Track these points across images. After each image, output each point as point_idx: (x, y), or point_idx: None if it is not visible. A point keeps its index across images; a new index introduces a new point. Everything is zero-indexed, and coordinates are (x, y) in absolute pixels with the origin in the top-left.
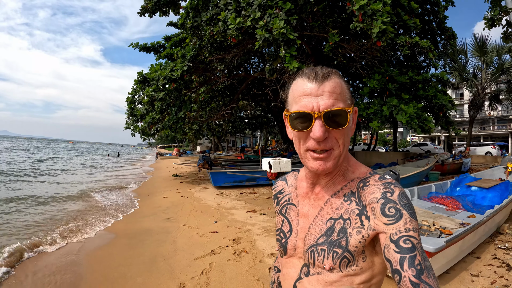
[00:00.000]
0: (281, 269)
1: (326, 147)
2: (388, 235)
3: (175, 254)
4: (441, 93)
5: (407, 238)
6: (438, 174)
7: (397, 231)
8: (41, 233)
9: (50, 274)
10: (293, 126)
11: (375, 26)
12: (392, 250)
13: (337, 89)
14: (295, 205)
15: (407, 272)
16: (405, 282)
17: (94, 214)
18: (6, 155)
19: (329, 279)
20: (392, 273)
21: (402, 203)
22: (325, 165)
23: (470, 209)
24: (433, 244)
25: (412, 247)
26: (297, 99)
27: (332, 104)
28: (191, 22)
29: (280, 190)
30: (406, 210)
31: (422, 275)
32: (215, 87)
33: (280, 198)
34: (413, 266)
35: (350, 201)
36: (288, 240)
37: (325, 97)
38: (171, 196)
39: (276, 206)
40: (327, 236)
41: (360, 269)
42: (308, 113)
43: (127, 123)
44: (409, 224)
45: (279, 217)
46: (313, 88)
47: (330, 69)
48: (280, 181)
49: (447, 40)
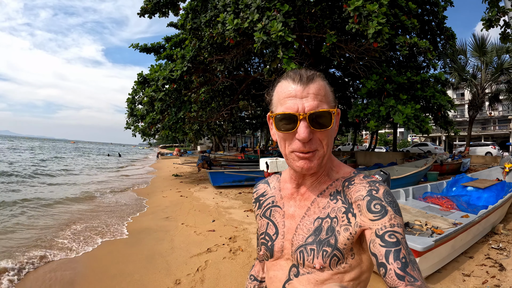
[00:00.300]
0: (267, 272)
1: (311, 148)
2: (374, 230)
3: (172, 252)
4: (440, 93)
5: (392, 233)
6: (436, 174)
7: (383, 227)
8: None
9: (50, 270)
10: (278, 127)
11: (371, 27)
12: (377, 245)
13: (321, 91)
14: (280, 206)
15: (392, 265)
16: (390, 275)
17: (103, 216)
18: (8, 155)
19: (319, 278)
20: (377, 267)
21: (387, 200)
22: (310, 164)
23: (465, 209)
24: (421, 243)
25: (397, 241)
26: (282, 101)
27: (317, 106)
28: (191, 24)
29: (262, 193)
30: (391, 206)
31: (407, 268)
32: (215, 88)
33: (263, 201)
34: (398, 259)
35: (336, 200)
36: (274, 243)
37: (310, 99)
38: (171, 196)
39: (258, 209)
40: (316, 235)
41: (350, 266)
42: (293, 115)
43: (127, 124)
44: (394, 220)
45: (263, 220)
46: (298, 90)
47: (314, 71)
48: (262, 184)
49: (447, 40)
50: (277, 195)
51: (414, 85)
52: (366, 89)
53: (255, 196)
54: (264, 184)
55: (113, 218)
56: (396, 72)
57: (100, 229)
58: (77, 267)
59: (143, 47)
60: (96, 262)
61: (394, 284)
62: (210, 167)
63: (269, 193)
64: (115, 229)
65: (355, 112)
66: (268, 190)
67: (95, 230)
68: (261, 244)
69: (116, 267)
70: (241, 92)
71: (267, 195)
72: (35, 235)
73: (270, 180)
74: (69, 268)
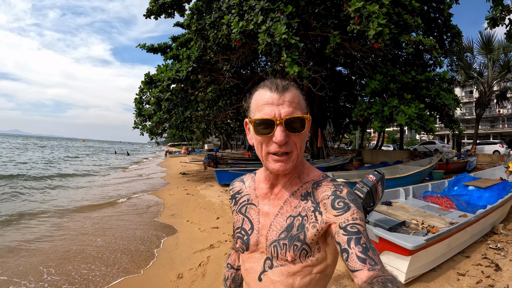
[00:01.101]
0: (242, 264)
1: (287, 149)
2: (338, 223)
3: (176, 247)
4: (446, 92)
5: (354, 225)
6: (442, 173)
7: (345, 220)
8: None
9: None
10: (257, 132)
11: (371, 28)
12: (341, 234)
13: (295, 99)
14: (255, 204)
15: (354, 249)
16: (352, 258)
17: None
18: (20, 154)
19: (291, 270)
20: (341, 253)
21: (350, 198)
22: (285, 166)
23: (464, 208)
24: (412, 242)
25: (358, 231)
26: (260, 108)
27: (291, 112)
28: (196, 25)
29: (238, 190)
30: (353, 204)
31: (368, 252)
32: (222, 87)
33: (239, 198)
34: (359, 244)
35: (307, 200)
36: (250, 237)
37: (285, 106)
38: (177, 194)
39: (234, 205)
40: (288, 231)
41: (317, 259)
42: (271, 120)
43: (135, 123)
44: (356, 215)
45: (239, 216)
46: (275, 97)
47: (288, 81)
48: (238, 182)
49: (453, 38)
50: (252, 194)
51: (419, 84)
52: (370, 88)
53: (231, 193)
54: (239, 182)
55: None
56: (401, 71)
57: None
58: (82, 259)
59: (150, 47)
60: (98, 260)
61: (356, 266)
62: (216, 165)
63: (244, 191)
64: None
65: (359, 111)
66: (244, 188)
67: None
68: (237, 238)
69: (120, 262)
70: (248, 91)
71: (242, 192)
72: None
73: (245, 178)
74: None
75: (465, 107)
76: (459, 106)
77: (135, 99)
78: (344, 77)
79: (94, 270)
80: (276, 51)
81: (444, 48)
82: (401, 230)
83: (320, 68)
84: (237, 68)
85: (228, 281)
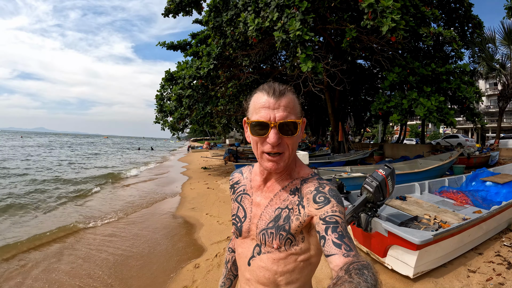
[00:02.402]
0: (236, 249)
1: (279, 150)
2: (318, 216)
3: (196, 239)
4: (467, 84)
5: (332, 216)
6: (463, 168)
7: (325, 212)
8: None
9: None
10: (253, 132)
11: (385, 24)
12: (320, 224)
13: (290, 104)
14: (249, 195)
15: (330, 235)
16: (328, 243)
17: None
18: (49, 153)
19: (277, 257)
20: (319, 240)
21: (331, 194)
22: (277, 166)
23: (479, 204)
24: (419, 236)
25: (336, 221)
26: (257, 110)
27: (286, 116)
28: (213, 22)
29: (237, 181)
30: (333, 198)
31: (343, 239)
32: (242, 82)
33: (236, 188)
34: (336, 232)
35: (294, 195)
36: (243, 224)
37: (280, 110)
38: (198, 188)
39: (233, 194)
40: (275, 221)
41: (300, 249)
42: (266, 122)
43: (156, 118)
44: (336, 208)
45: (235, 204)
46: (271, 102)
47: (286, 86)
48: (237, 173)
49: (474, 29)
50: (248, 185)
51: (439, 76)
52: (389, 82)
53: (230, 183)
54: (238, 173)
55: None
56: (420, 64)
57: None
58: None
59: (170, 45)
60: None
61: (331, 251)
62: (236, 160)
63: (242, 182)
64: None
65: (378, 105)
66: (242, 179)
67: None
68: (232, 224)
69: (140, 249)
70: None
71: (240, 183)
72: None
73: (244, 170)
74: (103, 251)
75: (490, 100)
76: (480, 100)
77: (156, 95)
78: (365, 70)
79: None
80: (292, 47)
81: (466, 40)
82: (412, 225)
83: (339, 62)
84: (257, 63)
85: (229, 263)
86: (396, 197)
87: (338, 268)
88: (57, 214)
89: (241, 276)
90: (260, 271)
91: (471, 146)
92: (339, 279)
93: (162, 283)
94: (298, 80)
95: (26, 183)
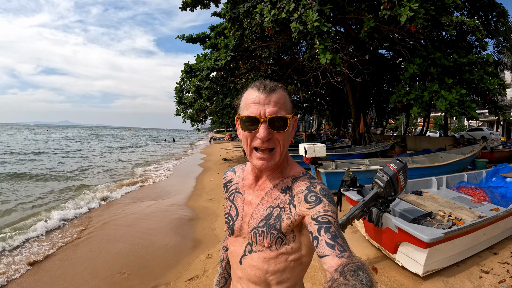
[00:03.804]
0: (229, 247)
1: (269, 146)
2: (310, 215)
3: (210, 230)
4: (491, 75)
5: (325, 216)
6: (485, 162)
7: (317, 212)
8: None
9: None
10: (243, 128)
11: (403, 13)
12: (312, 224)
13: (281, 100)
14: (242, 193)
15: (323, 236)
16: (322, 244)
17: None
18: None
19: (267, 256)
20: (312, 241)
21: (322, 193)
22: (267, 164)
23: (497, 202)
24: (429, 234)
25: (329, 221)
26: (248, 106)
27: (276, 112)
28: (229, 14)
29: (229, 179)
30: (325, 198)
31: (337, 239)
32: (262, 73)
33: (229, 186)
34: (329, 232)
35: (285, 193)
36: (235, 223)
37: (270, 106)
38: (217, 179)
39: (226, 193)
40: (266, 220)
41: (291, 248)
42: (256, 117)
43: (177, 110)
44: (327, 207)
45: (228, 202)
46: (262, 97)
47: (277, 83)
48: (230, 172)
49: (498, 17)
50: (240, 183)
51: (461, 67)
52: (409, 73)
53: (223, 182)
54: (231, 172)
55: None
56: (442, 55)
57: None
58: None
59: (189, 38)
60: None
61: (325, 252)
62: None
63: (234, 180)
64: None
65: (397, 97)
66: (234, 178)
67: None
68: (225, 223)
69: (155, 240)
70: (288, 77)
71: (232, 181)
72: None
73: (237, 169)
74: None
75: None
76: (504, 92)
77: (176, 88)
78: (387, 60)
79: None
80: (310, 38)
81: (489, 29)
82: (425, 221)
83: (359, 53)
84: (276, 55)
85: (224, 262)
86: (412, 191)
87: (333, 269)
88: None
89: (233, 274)
90: (251, 270)
91: (495, 139)
92: (334, 282)
93: (175, 273)
94: (317, 72)
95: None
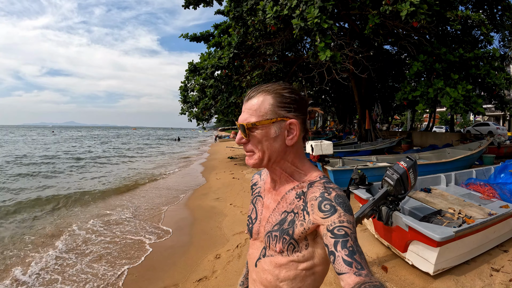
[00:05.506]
0: (249, 249)
1: (246, 149)
2: (325, 226)
3: (218, 229)
4: (497, 70)
5: (341, 228)
6: (493, 158)
7: (332, 223)
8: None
9: None
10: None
11: (403, 8)
12: (328, 237)
13: (254, 107)
14: (262, 197)
15: (340, 252)
16: (338, 261)
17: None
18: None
19: (278, 262)
20: (328, 255)
21: (337, 201)
22: (249, 161)
23: (507, 198)
24: (440, 233)
25: (345, 234)
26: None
27: (245, 119)
28: (233, 12)
29: (255, 182)
30: (340, 206)
31: (354, 255)
32: (268, 71)
33: (254, 189)
34: (346, 248)
35: (300, 199)
36: (253, 226)
37: (244, 113)
38: (223, 178)
39: (251, 195)
40: (280, 225)
41: (303, 256)
42: (238, 124)
43: (182, 109)
44: (343, 217)
45: (251, 205)
46: (244, 105)
47: (263, 89)
48: (257, 175)
49: (504, 11)
50: (262, 187)
51: (467, 62)
52: (413, 70)
53: (251, 184)
54: (257, 175)
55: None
56: (447, 50)
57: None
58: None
59: (193, 37)
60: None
61: (342, 270)
62: None
63: (259, 184)
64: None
65: (402, 94)
66: (259, 181)
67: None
68: (246, 225)
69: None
70: (293, 74)
71: (257, 184)
72: None
73: (263, 172)
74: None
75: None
76: (510, 87)
77: (180, 86)
78: (392, 56)
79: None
80: (313, 35)
81: (495, 23)
82: (435, 219)
83: (364, 49)
84: (280, 52)
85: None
86: (420, 189)
87: (350, 287)
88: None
89: (250, 277)
90: (263, 274)
91: (502, 134)
92: None
93: (184, 274)
94: (322, 68)
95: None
